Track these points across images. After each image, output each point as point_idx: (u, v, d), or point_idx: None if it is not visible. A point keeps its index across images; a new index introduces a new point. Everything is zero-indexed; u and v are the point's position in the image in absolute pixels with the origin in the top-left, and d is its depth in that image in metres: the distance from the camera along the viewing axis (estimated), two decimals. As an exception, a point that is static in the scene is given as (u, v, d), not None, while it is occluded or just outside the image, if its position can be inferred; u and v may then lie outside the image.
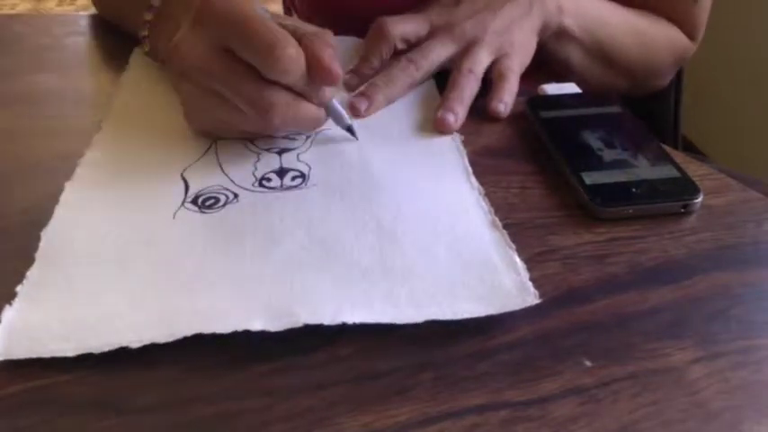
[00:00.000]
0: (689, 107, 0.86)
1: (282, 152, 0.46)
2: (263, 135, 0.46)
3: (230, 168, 0.44)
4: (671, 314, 0.35)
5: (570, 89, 0.53)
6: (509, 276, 0.36)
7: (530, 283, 0.35)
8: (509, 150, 0.48)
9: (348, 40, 0.59)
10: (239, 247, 0.38)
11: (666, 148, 0.46)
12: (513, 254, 0.37)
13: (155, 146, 0.46)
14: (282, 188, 0.42)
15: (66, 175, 0.43)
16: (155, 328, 0.32)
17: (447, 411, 0.30)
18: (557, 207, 0.42)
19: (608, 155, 0.45)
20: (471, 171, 0.44)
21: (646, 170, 0.43)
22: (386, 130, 0.49)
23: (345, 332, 0.32)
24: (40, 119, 0.52)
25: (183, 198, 0.41)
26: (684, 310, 0.35)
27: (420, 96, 0.53)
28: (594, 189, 0.42)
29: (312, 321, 0.32)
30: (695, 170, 0.44)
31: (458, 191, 0.43)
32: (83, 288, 0.35)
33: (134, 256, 0.37)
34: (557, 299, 0.35)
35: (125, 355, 0.31)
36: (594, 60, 0.62)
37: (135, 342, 0.31)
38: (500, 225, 0.39)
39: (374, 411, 0.30)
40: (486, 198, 0.42)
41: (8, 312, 0.33)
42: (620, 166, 0.44)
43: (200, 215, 0.40)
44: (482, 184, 0.43)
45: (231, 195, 0.42)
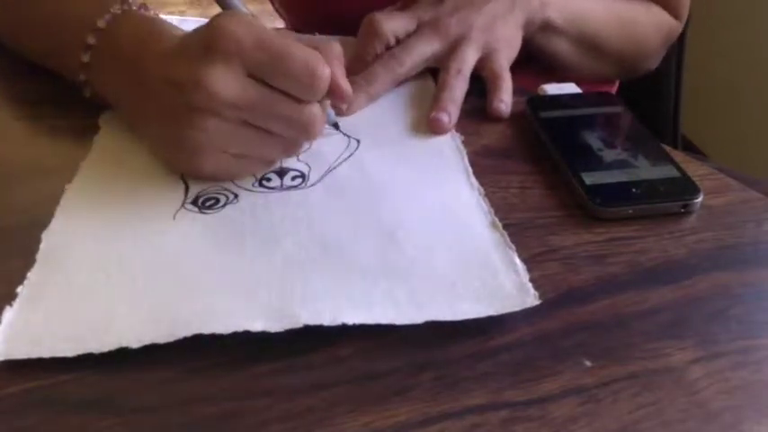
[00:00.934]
0: (689, 107, 0.86)
1: None
2: (291, 156, 0.45)
3: None
4: (671, 314, 0.35)
5: (570, 89, 0.53)
6: (509, 277, 0.36)
7: (530, 284, 0.35)
8: (509, 150, 0.48)
9: (334, 39, 0.59)
10: (239, 247, 0.38)
11: (666, 148, 0.46)
12: (513, 254, 0.37)
13: None
14: (282, 188, 0.42)
15: (67, 176, 0.43)
16: (155, 329, 0.32)
17: (447, 411, 0.30)
18: (557, 207, 0.42)
19: (608, 155, 0.45)
20: (471, 171, 0.44)
21: (646, 170, 0.43)
22: (386, 130, 0.49)
23: (345, 332, 0.32)
24: (40, 119, 0.52)
25: (183, 199, 0.41)
26: (684, 310, 0.35)
27: (420, 96, 0.53)
28: (594, 189, 0.42)
29: (312, 322, 0.32)
30: (695, 170, 0.44)
31: (458, 191, 0.43)
32: (83, 289, 0.35)
33: (134, 257, 0.37)
34: (556, 299, 0.35)
35: (125, 355, 0.31)
36: (583, 52, 0.62)
37: (135, 343, 0.31)
38: (500, 225, 0.39)
39: (374, 411, 0.30)
40: (486, 198, 0.42)
41: (8, 313, 0.33)
42: (620, 166, 0.44)
43: (200, 216, 0.40)
44: (482, 184, 0.43)
45: (231, 195, 0.42)
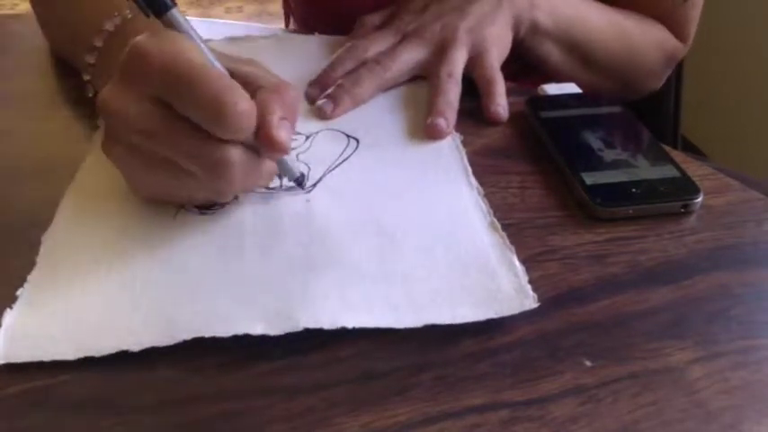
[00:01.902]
0: (689, 107, 0.86)
1: None
2: (218, 201, 0.40)
3: None
4: (671, 314, 0.35)
5: (570, 89, 0.53)
6: (508, 279, 0.35)
7: (528, 287, 0.35)
8: (509, 150, 0.48)
9: (343, 39, 0.59)
10: (239, 248, 0.38)
11: (666, 148, 0.46)
12: (513, 256, 0.37)
13: None
14: (282, 188, 0.42)
15: (67, 176, 0.43)
16: (154, 332, 0.32)
17: (447, 411, 0.30)
18: (557, 207, 0.42)
19: (608, 155, 0.45)
20: (471, 171, 0.44)
21: (646, 170, 0.43)
22: (385, 129, 0.49)
23: (345, 333, 0.32)
24: (40, 119, 0.52)
25: None
26: (684, 310, 0.35)
27: (419, 97, 0.53)
28: (595, 189, 0.42)
29: (312, 325, 0.32)
30: (695, 170, 0.44)
31: (457, 192, 0.42)
32: (83, 292, 0.35)
33: (134, 259, 0.37)
34: (556, 299, 0.35)
35: (125, 355, 0.31)
36: (574, 59, 0.61)
37: (134, 346, 0.31)
38: (499, 227, 0.39)
39: (374, 411, 0.30)
40: (486, 199, 0.42)
41: (8, 316, 0.33)
42: (620, 166, 0.44)
43: (200, 217, 0.40)
44: (482, 184, 0.43)
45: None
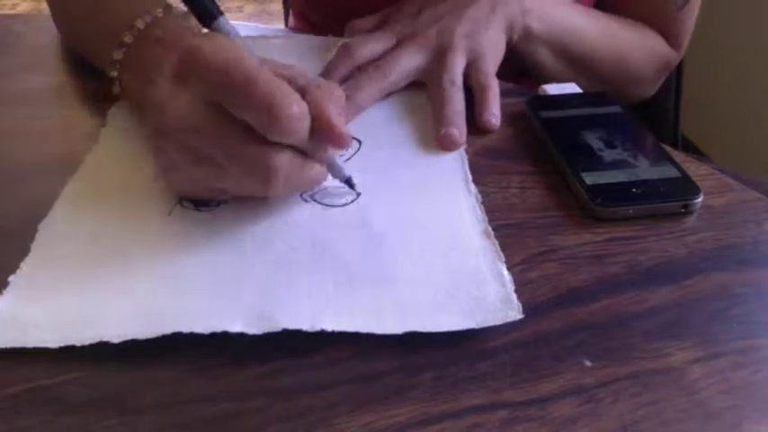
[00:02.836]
0: (689, 107, 0.86)
1: None
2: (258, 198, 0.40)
3: None
4: (671, 314, 0.35)
5: (571, 89, 0.53)
6: (495, 289, 0.35)
7: (514, 296, 0.35)
8: (509, 150, 0.48)
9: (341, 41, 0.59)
10: (231, 246, 0.38)
11: (666, 147, 0.46)
12: (502, 266, 0.37)
13: None
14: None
15: (67, 175, 0.43)
16: (136, 325, 0.32)
17: (447, 411, 0.30)
18: (557, 207, 0.42)
19: (608, 155, 0.45)
20: (471, 178, 0.44)
21: (646, 170, 0.43)
22: (388, 131, 0.49)
23: (345, 333, 0.32)
24: (40, 119, 0.52)
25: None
26: (684, 310, 0.35)
27: (419, 102, 0.52)
28: (595, 189, 0.42)
29: (291, 327, 0.32)
30: (695, 170, 0.45)
31: (454, 198, 0.42)
32: (72, 282, 0.35)
33: (126, 253, 0.37)
34: (557, 299, 0.35)
35: (125, 355, 0.31)
36: (566, 65, 0.61)
37: (115, 338, 0.32)
38: (492, 234, 0.39)
39: (374, 411, 0.30)
40: (483, 206, 0.41)
41: None
42: (620, 166, 0.44)
43: (195, 213, 0.40)
44: (482, 184, 0.43)
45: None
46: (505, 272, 0.36)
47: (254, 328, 0.32)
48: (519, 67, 0.59)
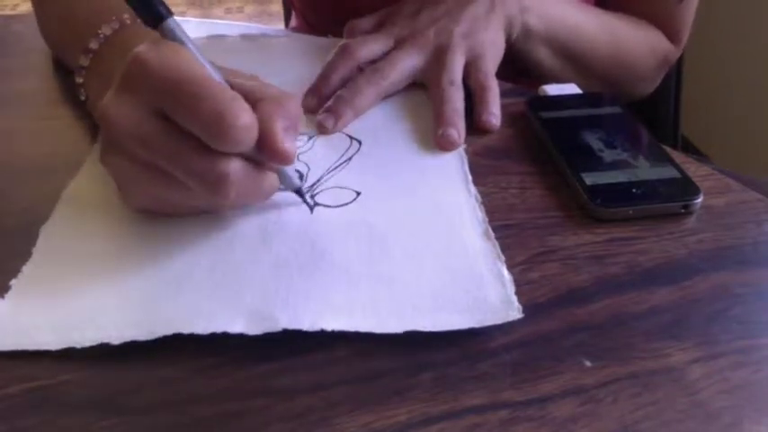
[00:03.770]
0: (689, 107, 0.86)
1: None
2: (214, 211, 0.40)
3: None
4: (671, 314, 0.35)
5: (571, 89, 0.53)
6: (495, 289, 0.35)
7: (514, 297, 0.35)
8: (509, 150, 0.48)
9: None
10: (227, 247, 0.38)
11: (666, 148, 0.46)
12: (502, 266, 0.37)
13: None
14: (279, 188, 0.42)
15: (67, 176, 0.43)
16: (136, 327, 0.32)
17: (447, 411, 0.30)
18: (556, 207, 0.42)
19: (608, 155, 0.45)
20: (471, 179, 0.44)
21: (646, 171, 0.43)
22: (389, 131, 0.49)
23: (345, 333, 0.32)
24: (40, 119, 0.52)
25: None
26: (684, 310, 0.35)
27: (418, 102, 0.52)
28: (595, 189, 0.42)
29: (291, 327, 0.32)
30: (695, 170, 0.45)
31: (454, 199, 0.42)
32: (73, 284, 0.35)
33: (126, 254, 0.37)
34: (557, 299, 0.35)
35: (125, 355, 0.31)
36: (566, 63, 0.61)
37: (116, 339, 0.32)
38: (492, 235, 0.39)
39: (374, 411, 0.30)
40: (483, 206, 0.41)
41: (0, 306, 0.34)
42: (620, 166, 0.44)
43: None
44: (482, 184, 0.43)
45: None
46: (506, 272, 0.36)
47: (254, 328, 0.32)
48: (519, 66, 0.59)
